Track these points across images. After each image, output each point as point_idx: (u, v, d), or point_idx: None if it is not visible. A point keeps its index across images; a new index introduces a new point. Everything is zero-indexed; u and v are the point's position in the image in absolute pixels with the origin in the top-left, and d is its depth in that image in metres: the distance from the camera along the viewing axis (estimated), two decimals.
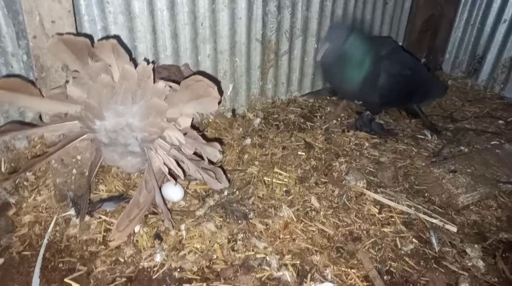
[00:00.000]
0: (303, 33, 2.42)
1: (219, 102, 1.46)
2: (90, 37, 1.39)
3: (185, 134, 1.49)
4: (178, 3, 1.86)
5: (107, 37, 1.35)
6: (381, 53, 2.13)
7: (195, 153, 1.54)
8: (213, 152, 1.51)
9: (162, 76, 1.62)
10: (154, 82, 1.38)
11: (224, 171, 1.66)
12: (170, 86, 1.40)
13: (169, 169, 1.48)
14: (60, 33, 1.31)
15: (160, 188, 1.53)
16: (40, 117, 1.52)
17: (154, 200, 1.52)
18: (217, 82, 1.74)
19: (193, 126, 1.55)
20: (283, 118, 2.41)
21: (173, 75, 1.72)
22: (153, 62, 1.69)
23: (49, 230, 1.48)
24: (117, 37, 1.63)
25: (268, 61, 2.37)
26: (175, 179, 1.61)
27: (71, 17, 1.34)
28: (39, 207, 1.58)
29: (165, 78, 1.60)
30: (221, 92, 1.89)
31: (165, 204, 1.53)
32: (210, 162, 1.57)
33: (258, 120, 2.34)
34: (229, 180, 1.75)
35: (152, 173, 1.47)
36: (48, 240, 1.45)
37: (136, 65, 1.36)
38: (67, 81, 1.38)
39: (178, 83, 1.43)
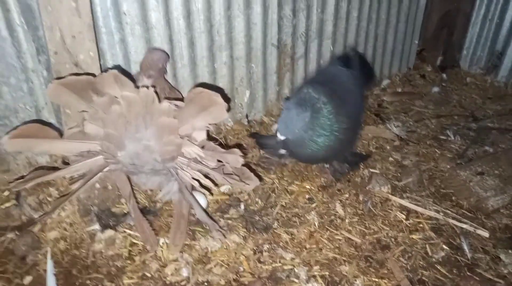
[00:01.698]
0: (319, 35, 2.38)
1: (228, 109, 1.44)
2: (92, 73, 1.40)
3: (203, 147, 1.48)
4: (194, 12, 1.84)
5: (107, 70, 1.35)
6: (341, 114, 1.69)
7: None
8: (234, 158, 1.48)
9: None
10: (159, 102, 1.37)
11: (251, 169, 1.63)
12: (176, 105, 1.40)
13: (199, 182, 1.47)
14: (58, 77, 1.33)
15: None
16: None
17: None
18: (219, 90, 1.68)
19: (210, 138, 1.53)
20: None
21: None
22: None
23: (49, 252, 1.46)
24: (117, 67, 1.64)
25: (284, 66, 2.34)
26: (209, 190, 1.63)
27: (91, 31, 1.33)
28: (63, 222, 1.57)
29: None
30: (227, 99, 1.87)
31: (209, 216, 1.53)
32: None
33: (276, 126, 2.30)
34: (259, 177, 1.72)
35: (185, 189, 1.47)
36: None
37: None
38: (84, 119, 1.38)
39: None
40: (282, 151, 1.99)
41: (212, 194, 1.72)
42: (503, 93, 2.90)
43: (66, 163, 1.52)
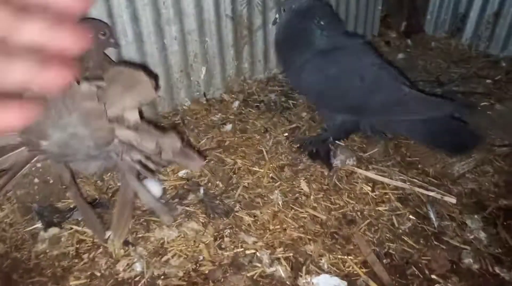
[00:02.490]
0: (277, 3, 2.24)
1: (156, 87, 1.31)
2: None
3: (137, 129, 1.34)
4: None
5: None
6: (333, 44, 1.73)
7: None
8: (172, 142, 1.36)
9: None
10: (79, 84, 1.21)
11: (193, 149, 1.52)
12: (97, 85, 1.23)
13: (141, 165, 1.34)
14: None
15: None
16: None
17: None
18: (142, 67, 1.53)
19: (147, 121, 1.39)
20: (263, 99, 2.26)
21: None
22: None
23: None
24: None
25: (241, 38, 2.19)
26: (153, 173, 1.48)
27: None
28: (2, 223, 1.43)
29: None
30: (154, 76, 1.73)
31: (155, 199, 1.41)
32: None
33: (236, 103, 2.19)
34: (204, 157, 1.63)
35: (127, 173, 1.34)
36: None
37: None
38: None
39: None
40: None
41: (166, 185, 1.60)
42: (467, 56, 2.86)
43: None
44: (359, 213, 1.57)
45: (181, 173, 1.72)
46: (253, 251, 1.40)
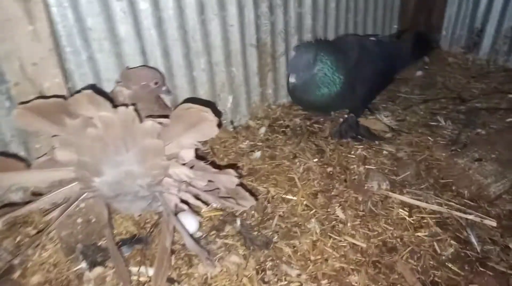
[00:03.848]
0: (298, 31, 2.28)
1: (219, 125, 1.33)
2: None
3: (192, 167, 1.36)
4: (165, 20, 1.71)
5: (81, 90, 1.20)
6: (350, 63, 2.05)
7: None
8: (228, 179, 1.38)
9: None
10: (141, 122, 1.24)
11: (246, 188, 1.53)
12: (160, 122, 1.26)
13: (188, 205, 1.36)
14: (23, 102, 1.17)
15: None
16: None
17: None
18: (209, 104, 1.59)
19: (200, 157, 1.42)
20: (288, 123, 2.28)
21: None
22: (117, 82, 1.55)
23: None
24: (92, 86, 1.50)
25: (265, 65, 2.23)
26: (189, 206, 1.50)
27: (54, 56, 1.20)
28: (46, 264, 1.45)
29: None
30: (218, 113, 1.77)
31: (199, 245, 1.41)
32: None
33: (263, 129, 2.21)
34: (255, 196, 1.63)
35: (172, 216, 1.36)
36: None
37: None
38: (53, 147, 1.24)
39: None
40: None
41: (202, 216, 1.61)
42: (485, 71, 2.87)
43: (37, 194, 1.38)
44: (399, 240, 1.56)
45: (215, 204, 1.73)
46: (297, 284, 1.39)
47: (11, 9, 1.09)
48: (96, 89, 1.21)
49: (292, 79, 1.92)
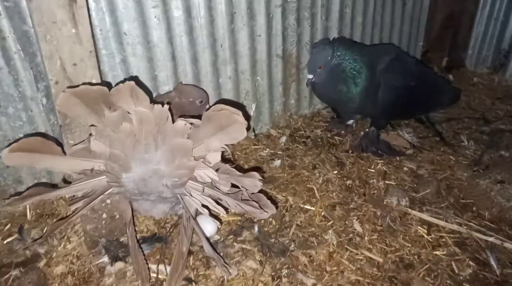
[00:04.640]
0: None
1: (248, 128, 1.36)
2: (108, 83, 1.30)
3: (217, 170, 1.39)
4: (196, 27, 1.77)
5: (125, 80, 1.25)
6: (380, 64, 2.00)
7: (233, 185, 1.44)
8: (252, 182, 1.40)
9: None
10: (173, 121, 1.28)
11: (268, 196, 1.55)
12: (191, 123, 1.30)
13: (209, 209, 1.39)
14: (71, 86, 1.23)
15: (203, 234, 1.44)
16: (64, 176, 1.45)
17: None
18: (240, 106, 1.64)
19: (225, 160, 1.45)
20: (309, 134, 2.31)
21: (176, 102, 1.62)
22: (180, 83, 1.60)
23: None
24: (135, 78, 1.55)
25: (289, 76, 2.27)
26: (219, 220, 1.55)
27: (93, 58, 1.26)
28: (70, 255, 1.50)
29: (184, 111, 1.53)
30: (247, 116, 1.81)
31: (216, 251, 1.43)
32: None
33: (284, 139, 2.23)
34: (276, 205, 1.63)
35: (191, 220, 1.39)
36: None
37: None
38: (90, 134, 1.29)
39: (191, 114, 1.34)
40: (350, 122, 2.35)
41: (221, 222, 1.64)
42: (511, 93, 2.84)
43: (67, 182, 1.43)
44: (416, 257, 1.56)
45: None
46: None
47: (57, 12, 1.15)
48: (138, 81, 1.24)
49: (309, 76, 1.95)
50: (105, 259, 1.47)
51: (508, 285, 1.43)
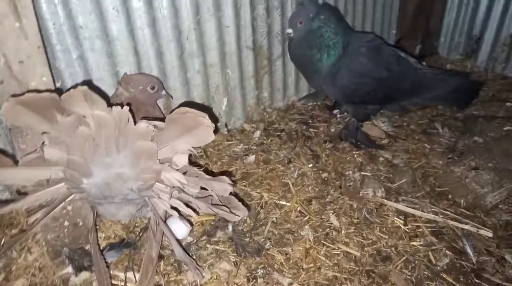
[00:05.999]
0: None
1: (216, 131, 1.30)
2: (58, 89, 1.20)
3: (184, 173, 1.32)
4: (159, 19, 1.67)
5: (76, 86, 1.15)
6: (352, 49, 1.89)
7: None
8: (221, 186, 1.34)
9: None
10: (135, 122, 1.20)
11: (239, 198, 1.49)
12: (155, 125, 1.22)
13: (179, 211, 1.32)
14: (15, 94, 1.12)
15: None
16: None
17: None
18: (207, 109, 1.57)
19: (193, 163, 1.38)
20: (284, 127, 2.25)
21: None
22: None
23: None
24: (87, 83, 1.46)
25: (261, 68, 2.20)
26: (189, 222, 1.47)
27: (42, 54, 1.16)
28: (32, 267, 1.40)
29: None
30: (214, 119, 1.73)
31: (188, 254, 1.37)
32: None
33: (258, 133, 2.17)
34: (247, 206, 1.58)
35: (160, 222, 1.32)
36: None
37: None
38: (43, 143, 1.20)
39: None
40: (335, 111, 2.35)
41: (193, 224, 1.57)
42: (483, 79, 2.85)
43: (21, 194, 1.34)
44: (393, 249, 1.53)
45: None
46: None
47: None
48: (92, 86, 1.16)
49: (289, 31, 1.89)
50: (69, 269, 1.38)
51: (484, 273, 1.42)
